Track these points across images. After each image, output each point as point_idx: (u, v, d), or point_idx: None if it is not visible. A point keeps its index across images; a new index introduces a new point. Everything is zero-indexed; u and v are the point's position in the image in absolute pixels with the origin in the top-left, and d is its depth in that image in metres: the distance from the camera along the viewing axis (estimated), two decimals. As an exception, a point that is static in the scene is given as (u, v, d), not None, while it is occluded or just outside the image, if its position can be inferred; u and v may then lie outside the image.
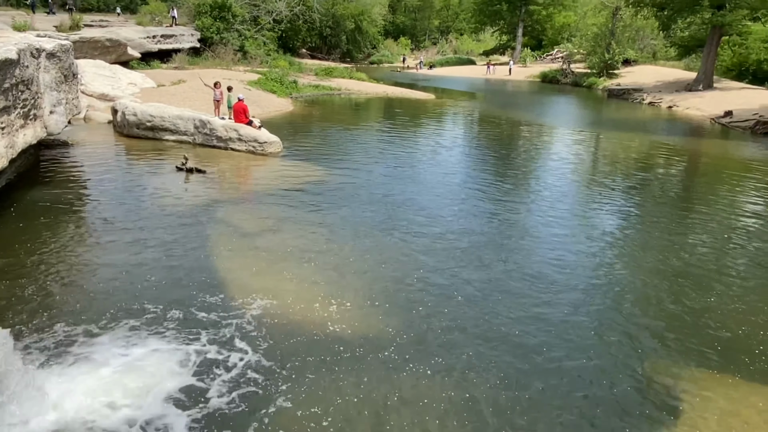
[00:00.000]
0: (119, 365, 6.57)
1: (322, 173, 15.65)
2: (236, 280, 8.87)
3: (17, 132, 11.31)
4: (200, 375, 6.51)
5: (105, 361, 6.64)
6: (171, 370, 6.53)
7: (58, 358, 6.62)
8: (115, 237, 10.35)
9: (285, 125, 23.08)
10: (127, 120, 18.85)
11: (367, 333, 7.60)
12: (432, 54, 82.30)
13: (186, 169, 14.84)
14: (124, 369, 6.49)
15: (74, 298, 8.07)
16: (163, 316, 7.68)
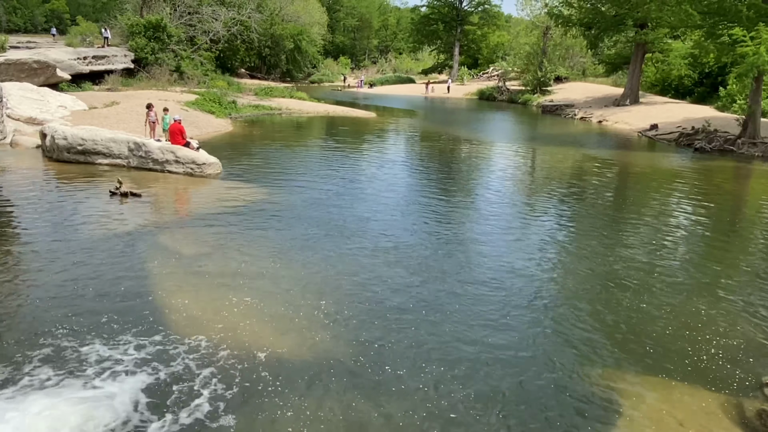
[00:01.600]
0: (41, 411, 6.19)
1: (263, 193, 15.47)
2: (175, 306, 8.60)
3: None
4: (132, 416, 6.24)
5: (19, 405, 6.24)
6: (100, 414, 6.23)
7: (-19, 398, 6.22)
8: (43, 266, 9.86)
9: (224, 146, 22.74)
10: (57, 144, 18.11)
11: (318, 354, 7.50)
12: (372, 73, 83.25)
13: (120, 194, 14.36)
14: (64, 407, 6.14)
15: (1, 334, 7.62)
16: (94, 350, 7.33)
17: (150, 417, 6.11)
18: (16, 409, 6.11)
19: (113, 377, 6.74)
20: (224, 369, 7.04)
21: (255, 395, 6.57)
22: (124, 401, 6.32)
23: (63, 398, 6.31)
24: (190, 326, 8.01)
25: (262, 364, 7.19)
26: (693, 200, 17.30)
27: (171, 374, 6.87)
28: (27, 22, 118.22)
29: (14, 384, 6.53)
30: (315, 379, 6.95)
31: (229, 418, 6.14)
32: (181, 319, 8.22)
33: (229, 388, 6.66)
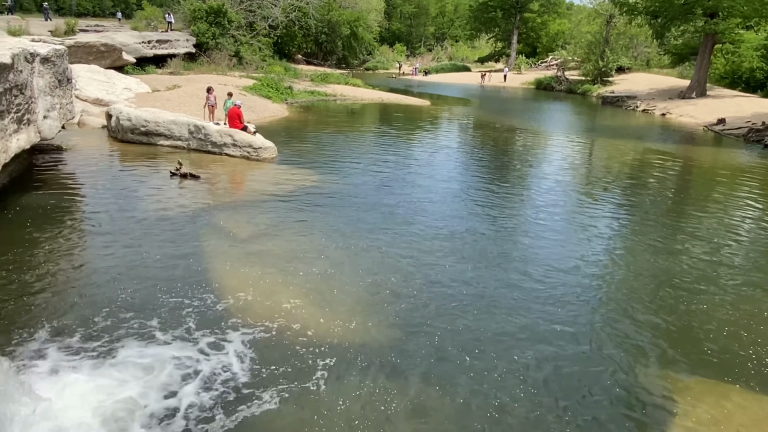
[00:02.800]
0: (106, 373, 6.51)
1: (317, 178, 15.65)
2: (229, 286, 8.83)
3: (10, 137, 11.27)
4: (190, 383, 6.46)
5: (92, 369, 6.58)
6: (159, 379, 6.48)
7: (45, 364, 6.56)
8: (107, 243, 10.30)
9: (280, 131, 23.08)
10: (122, 125, 18.81)
11: (364, 340, 7.57)
12: (427, 60, 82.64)
13: (180, 175, 14.80)
14: (110, 377, 6.43)
15: (65, 305, 8.01)
16: (154, 323, 7.63)
17: (199, 391, 6.31)
18: (113, 362, 6.60)
19: (166, 351, 6.99)
20: (273, 348, 7.19)
21: (302, 375, 6.69)
22: (175, 375, 6.55)
23: (117, 368, 6.59)
24: (242, 305, 8.22)
25: (310, 345, 7.31)
26: (760, 199, 16.48)
27: (221, 350, 7.07)
28: (95, 6, 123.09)
29: (74, 353, 6.86)
30: (366, 363, 7.02)
31: (275, 396, 6.28)
32: (234, 298, 8.43)
33: (277, 368, 6.80)
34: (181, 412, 5.98)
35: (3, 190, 12.25)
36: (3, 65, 10.48)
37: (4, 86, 10.71)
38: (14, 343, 6.92)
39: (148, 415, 5.90)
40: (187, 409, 6.02)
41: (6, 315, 7.57)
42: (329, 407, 6.20)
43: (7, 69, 10.74)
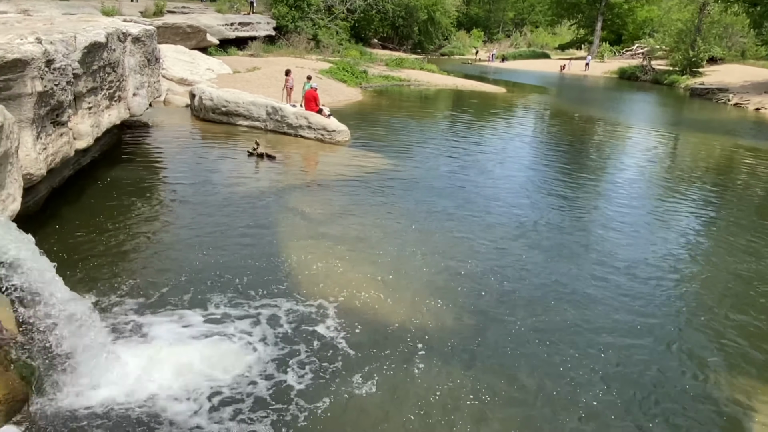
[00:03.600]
0: (189, 342, 6.81)
1: (389, 163, 15.70)
2: (301, 265, 9.02)
3: (103, 112, 11.90)
4: (261, 358, 6.66)
5: (174, 337, 6.89)
6: (234, 352, 6.72)
7: (131, 331, 6.94)
8: (188, 216, 10.76)
9: (354, 114, 23.26)
10: (204, 104, 19.50)
11: (436, 325, 7.56)
12: (505, 47, 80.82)
13: (257, 155, 15.22)
14: (193, 346, 6.72)
15: (149, 274, 8.43)
16: (230, 297, 7.91)
17: (268, 367, 6.49)
18: (193, 332, 6.90)
19: (237, 324, 7.23)
20: (339, 328, 7.29)
21: (366, 357, 6.76)
22: (247, 350, 6.77)
23: (194, 337, 6.89)
24: (312, 285, 8.37)
25: (376, 327, 7.36)
26: None
27: (291, 327, 7.24)
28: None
29: (157, 314, 7.21)
30: (437, 348, 7.01)
31: (338, 375, 6.38)
32: (304, 277, 8.61)
33: (341, 348, 6.89)
34: (245, 381, 6.18)
35: (95, 163, 12.98)
36: (98, 44, 11.05)
37: (98, 64, 11.31)
38: (104, 305, 7.34)
39: (221, 375, 6.14)
40: (249, 377, 6.21)
41: (97, 277, 8.04)
42: (396, 390, 6.24)
43: (101, 48, 11.32)
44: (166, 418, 5.54)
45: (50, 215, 9.92)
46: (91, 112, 11.12)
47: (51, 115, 9.22)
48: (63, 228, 9.61)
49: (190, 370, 6.26)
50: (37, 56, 8.33)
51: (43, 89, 8.64)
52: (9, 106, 7.50)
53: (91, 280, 7.98)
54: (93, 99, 11.25)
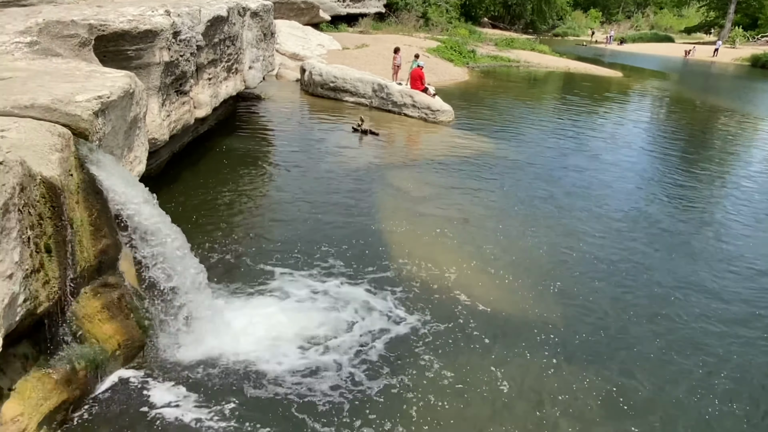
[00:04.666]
0: (286, 307, 7.10)
1: (493, 145, 15.39)
2: (399, 242, 9.10)
3: (221, 83, 12.51)
4: (351, 329, 6.81)
5: (273, 300, 7.21)
6: (327, 320, 6.92)
7: (234, 291, 7.33)
8: (293, 186, 11.15)
9: (459, 94, 22.96)
10: (313, 79, 20.01)
11: (531, 314, 7.40)
12: (624, 28, 76.32)
13: (361, 131, 15.44)
14: (289, 310, 7.00)
15: (254, 239, 8.86)
16: (327, 267, 8.13)
17: (357, 340, 6.62)
18: (294, 298, 7.24)
19: (332, 294, 7.43)
20: (431, 308, 7.30)
21: (456, 341, 6.72)
22: (339, 320, 6.94)
23: (291, 302, 7.17)
24: (408, 262, 8.42)
25: (471, 311, 7.30)
26: None
27: (382, 302, 7.34)
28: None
29: (253, 292, 7.56)
30: (530, 338, 6.87)
31: (427, 358, 6.39)
32: (401, 253, 8.67)
33: (430, 330, 6.90)
34: (332, 349, 6.34)
35: (211, 131, 13.73)
36: (220, 17, 11.58)
37: (219, 37, 11.87)
38: (211, 265, 7.80)
39: (310, 343, 6.36)
40: (335, 348, 6.37)
41: (208, 238, 8.55)
42: (484, 376, 6.18)
43: (222, 21, 11.86)
44: (259, 376, 5.82)
45: (170, 178, 10.62)
46: (210, 83, 11.73)
47: (175, 84, 9.82)
48: (180, 190, 10.27)
49: (284, 333, 6.53)
50: (165, 28, 8.87)
51: (170, 59, 9.20)
52: (139, 75, 8.05)
53: (202, 241, 8.49)
54: (213, 70, 11.85)
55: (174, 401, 5.35)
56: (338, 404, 5.52)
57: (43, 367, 4.86)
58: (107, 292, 5.73)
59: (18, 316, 4.30)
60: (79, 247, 5.20)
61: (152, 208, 5.91)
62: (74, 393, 5.00)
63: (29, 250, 4.41)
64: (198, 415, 5.22)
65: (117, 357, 5.58)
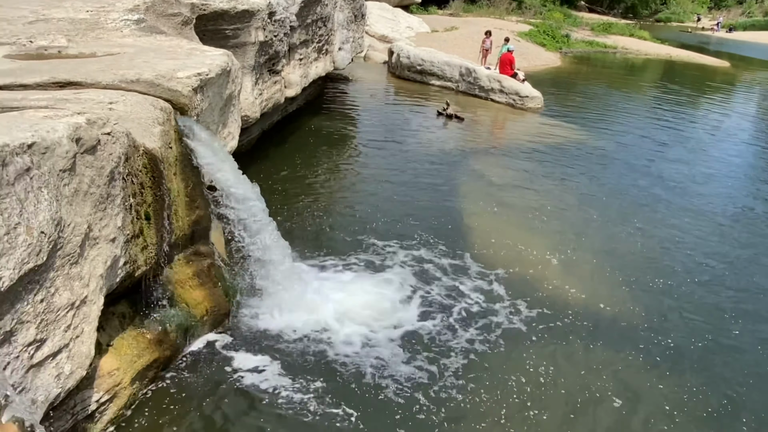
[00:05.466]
0: (362, 285, 7.20)
1: (581, 135, 14.83)
2: (478, 228, 8.99)
3: (311, 64, 12.75)
4: (428, 313, 6.81)
5: (350, 278, 7.33)
6: (401, 300, 6.96)
7: (314, 267, 7.50)
8: (376, 167, 11.25)
9: (549, 81, 22.23)
10: (401, 62, 19.98)
11: (617, 312, 7.12)
12: (735, 15, 70.90)
13: (446, 115, 15.30)
14: (374, 287, 7.11)
15: (335, 217, 9.03)
16: (404, 249, 8.16)
17: (436, 319, 6.62)
18: (369, 276, 7.39)
19: (409, 276, 7.44)
20: (507, 296, 7.17)
21: (530, 332, 6.58)
22: (413, 301, 6.96)
23: (368, 281, 7.27)
24: (486, 249, 8.31)
25: (545, 303, 7.11)
26: None
27: (458, 287, 7.28)
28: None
29: (336, 266, 7.71)
30: (616, 336, 6.63)
31: (498, 345, 6.30)
32: (479, 240, 8.56)
33: (506, 317, 6.78)
34: (411, 327, 6.37)
35: (299, 111, 14.05)
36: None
37: (312, 18, 12.07)
38: (294, 241, 8.02)
39: (394, 322, 6.42)
40: (414, 325, 6.39)
41: (293, 213, 8.80)
42: (572, 371, 6.03)
43: (316, 2, 12.04)
44: (338, 348, 5.96)
45: (259, 155, 10.98)
46: (301, 63, 11.97)
47: (268, 64, 10.09)
48: (268, 167, 10.60)
49: (365, 307, 6.64)
50: (262, 8, 9.12)
51: (264, 39, 9.46)
52: (235, 53, 8.32)
53: (287, 215, 8.75)
54: (304, 51, 12.08)
55: (256, 368, 5.59)
56: (415, 381, 5.55)
57: (138, 326, 5.20)
58: (198, 261, 6.03)
59: (118, 277, 4.61)
60: (175, 216, 5.49)
61: (242, 182, 6.14)
62: (165, 353, 5.32)
63: (131, 217, 4.70)
64: (278, 382, 5.41)
65: (204, 322, 5.88)
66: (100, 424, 4.63)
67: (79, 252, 3.93)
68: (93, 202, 4.11)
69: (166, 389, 5.23)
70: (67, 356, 3.82)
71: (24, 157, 3.42)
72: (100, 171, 4.18)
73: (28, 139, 3.49)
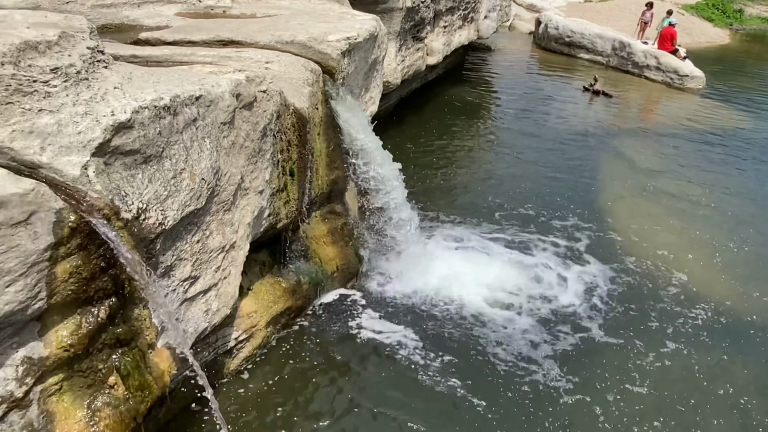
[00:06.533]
0: (491, 258, 7.11)
1: (746, 120, 13.36)
2: (618, 215, 8.48)
3: (455, 32, 12.56)
4: (558, 291, 6.58)
5: (479, 250, 7.26)
6: (531, 278, 6.78)
7: (444, 236, 7.51)
8: (513, 142, 10.95)
9: (714, 60, 20.19)
10: (548, 33, 19.10)
11: (757, 314, 6.48)
12: None
13: (593, 91, 14.46)
14: (501, 264, 7.00)
15: (468, 189, 8.94)
16: (538, 226, 7.91)
17: (560, 303, 6.38)
18: (462, 257, 7.23)
19: (540, 254, 7.21)
20: (643, 290, 6.72)
21: (674, 331, 6.13)
22: (543, 280, 6.75)
23: (497, 255, 7.15)
24: (626, 238, 7.82)
25: (688, 302, 6.58)
26: None
27: (590, 272, 6.94)
28: None
29: (463, 238, 7.65)
30: (755, 345, 6.04)
31: (636, 338, 5.94)
32: (620, 227, 8.07)
33: (644, 310, 6.36)
34: (537, 306, 6.20)
35: (438, 79, 13.96)
36: (464, -35, 11.52)
37: (460, -15, 11.85)
38: (424, 207, 8.08)
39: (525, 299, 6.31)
40: (539, 305, 6.21)
41: (424, 182, 8.85)
42: (708, 377, 5.59)
43: (466, -32, 11.78)
44: (458, 318, 5.96)
45: (395, 122, 11.10)
46: (445, 31, 11.84)
47: (412, 30, 10.09)
48: (403, 134, 10.69)
49: (491, 282, 6.57)
50: (412, -26, 9.08)
51: (412, 5, 9.45)
52: (382, 18, 8.39)
53: (418, 185, 8.81)
54: (449, 18, 11.92)
55: (380, 327, 5.76)
56: (549, 362, 5.44)
57: (275, 275, 5.54)
58: (333, 219, 6.28)
59: (262, 227, 4.92)
60: (316, 174, 5.73)
61: (379, 147, 6.25)
62: (297, 302, 5.64)
63: (277, 172, 4.97)
64: (400, 343, 5.54)
65: (334, 278, 6.13)
66: (237, 360, 5.03)
67: (232, 200, 4.23)
68: (246, 155, 4.39)
69: (296, 336, 5.55)
70: (215, 294, 4.17)
71: (192, 108, 3.71)
72: (255, 126, 4.44)
73: (196, 91, 3.78)
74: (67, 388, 3.17)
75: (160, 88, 3.54)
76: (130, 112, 3.22)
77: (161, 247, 3.56)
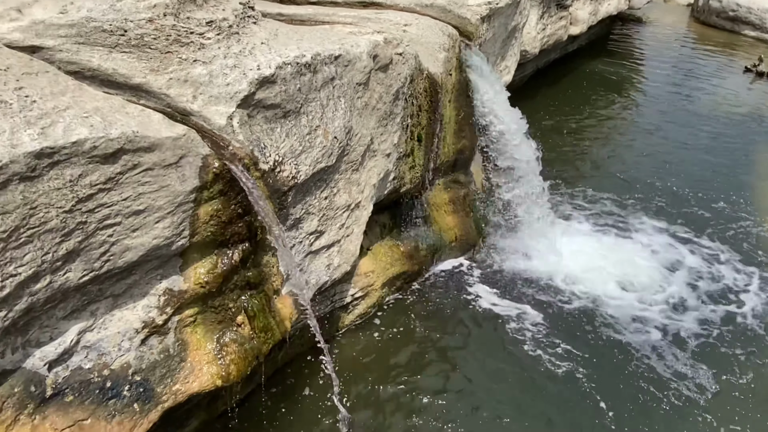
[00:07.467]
0: (613, 244, 6.73)
1: None
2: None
3: (603, 0, 11.76)
4: (684, 288, 6.10)
5: (601, 235, 6.87)
6: (654, 269, 6.35)
7: (567, 217, 7.18)
8: (657, 124, 10.15)
9: None
10: (709, 6, 17.29)
11: None
12: None
13: (756, 72, 12.98)
14: (627, 252, 6.60)
15: (599, 170, 8.47)
16: (673, 216, 7.34)
17: (685, 300, 5.91)
18: (586, 241, 6.87)
19: (671, 247, 6.71)
20: None
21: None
22: (667, 273, 6.30)
23: (621, 240, 6.75)
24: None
25: None
26: None
27: (723, 272, 6.35)
28: None
29: (589, 223, 7.27)
30: None
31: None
32: None
33: None
34: (654, 298, 5.79)
35: (579, 51, 13.19)
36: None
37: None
38: (550, 186, 7.77)
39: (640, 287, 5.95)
40: (658, 300, 5.79)
41: (554, 159, 8.47)
42: None
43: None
44: (574, 302, 5.73)
45: (529, 93, 10.67)
46: (592, 0, 11.12)
47: (558, -2, 9.58)
48: (536, 107, 10.25)
49: (612, 270, 6.22)
50: (563, -64, 8.57)
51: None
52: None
53: (547, 162, 8.41)
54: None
55: (493, 301, 5.67)
56: (650, 356, 5.13)
57: (394, 238, 5.62)
58: (456, 188, 6.22)
59: (386, 190, 4.98)
60: (444, 142, 5.68)
61: (514, 118, 6.06)
62: (413, 267, 5.69)
63: (405, 136, 4.99)
64: (515, 322, 5.44)
65: (452, 248, 6.11)
66: (351, 316, 5.20)
67: (360, 161, 4.31)
68: (378, 117, 4.43)
69: (409, 300, 5.62)
70: (338, 250, 4.31)
71: (330, 67, 3.79)
72: (388, 89, 4.46)
73: (336, 51, 3.85)
74: (200, 321, 3.45)
75: (303, 45, 3.65)
76: (274, 68, 3.35)
77: (292, 200, 3.72)
